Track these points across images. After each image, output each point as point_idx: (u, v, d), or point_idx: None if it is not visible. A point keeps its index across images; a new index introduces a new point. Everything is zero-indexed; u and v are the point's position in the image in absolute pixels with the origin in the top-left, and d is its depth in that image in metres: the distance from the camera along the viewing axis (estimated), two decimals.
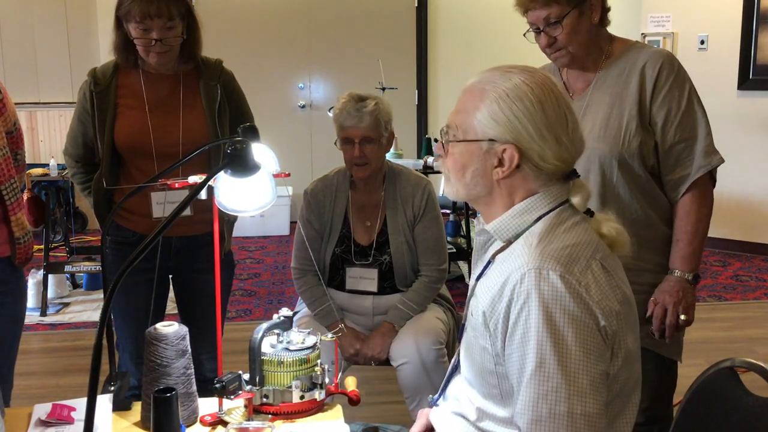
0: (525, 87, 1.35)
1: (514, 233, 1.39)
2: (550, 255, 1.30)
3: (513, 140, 1.34)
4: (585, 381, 1.26)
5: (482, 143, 1.36)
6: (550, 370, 1.25)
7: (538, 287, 1.27)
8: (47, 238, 4.68)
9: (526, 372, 1.28)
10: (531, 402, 1.27)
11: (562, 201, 1.39)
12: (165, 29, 2.25)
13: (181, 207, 1.32)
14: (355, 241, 2.69)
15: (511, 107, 1.34)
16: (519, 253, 1.34)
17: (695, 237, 2.00)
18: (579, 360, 1.26)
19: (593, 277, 1.31)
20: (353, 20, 6.90)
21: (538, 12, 1.97)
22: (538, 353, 1.26)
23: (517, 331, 1.29)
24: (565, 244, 1.33)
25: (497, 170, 1.37)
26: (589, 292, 1.29)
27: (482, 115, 1.36)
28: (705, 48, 5.80)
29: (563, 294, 1.27)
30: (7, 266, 2.12)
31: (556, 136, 1.34)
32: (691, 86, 2.03)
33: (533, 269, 1.28)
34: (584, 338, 1.27)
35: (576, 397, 1.26)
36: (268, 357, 1.68)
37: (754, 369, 1.49)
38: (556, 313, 1.26)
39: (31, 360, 3.95)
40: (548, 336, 1.25)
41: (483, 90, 1.37)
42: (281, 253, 5.98)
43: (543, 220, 1.37)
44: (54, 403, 1.67)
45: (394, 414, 3.13)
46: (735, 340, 4.17)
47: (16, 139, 2.20)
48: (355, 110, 2.56)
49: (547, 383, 1.26)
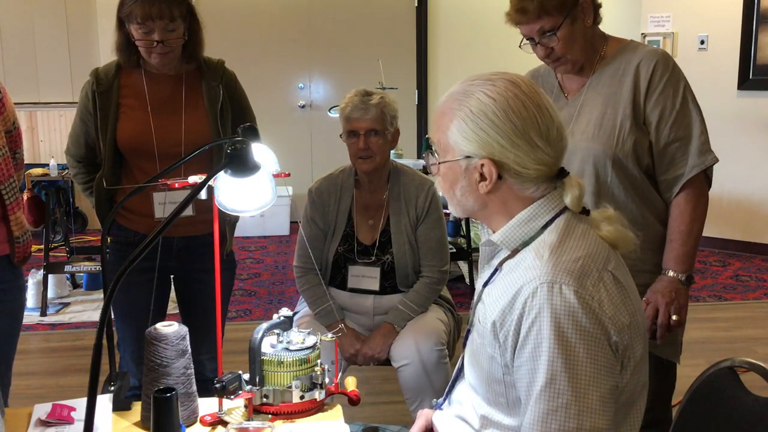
0: (487, 99, 1.34)
1: (520, 242, 1.38)
2: (563, 268, 1.29)
3: (487, 154, 1.34)
4: (595, 397, 1.26)
5: (461, 161, 1.37)
6: (561, 386, 1.25)
7: (550, 302, 1.26)
8: (47, 238, 4.68)
9: (535, 386, 1.27)
10: (540, 417, 1.26)
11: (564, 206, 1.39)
12: (166, 30, 2.25)
13: (181, 207, 1.32)
14: (358, 240, 2.70)
15: (477, 123, 1.33)
16: (530, 266, 1.32)
17: (689, 237, 1.99)
18: (590, 376, 1.26)
19: (606, 290, 1.30)
20: (353, 20, 6.90)
21: (531, 25, 1.96)
22: (549, 368, 1.25)
23: (527, 345, 1.28)
24: (577, 255, 1.32)
25: (482, 185, 1.36)
26: (602, 307, 1.28)
27: (453, 134, 1.36)
28: (705, 48, 5.81)
29: (576, 309, 1.26)
30: (6, 265, 2.13)
31: (528, 140, 1.33)
32: (686, 85, 2.01)
33: (546, 283, 1.27)
34: (595, 354, 1.26)
35: (586, 413, 1.25)
36: (268, 357, 1.68)
37: (754, 369, 1.50)
38: (568, 328, 1.25)
39: (31, 360, 3.95)
40: (560, 351, 1.25)
41: (450, 109, 1.37)
42: (281, 253, 5.98)
43: (551, 229, 1.36)
44: (54, 403, 1.67)
45: (394, 414, 3.13)
46: (735, 340, 4.17)
47: (15, 138, 2.20)
48: (361, 103, 2.59)
49: (557, 399, 1.25)
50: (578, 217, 1.40)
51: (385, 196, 2.70)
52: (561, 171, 1.40)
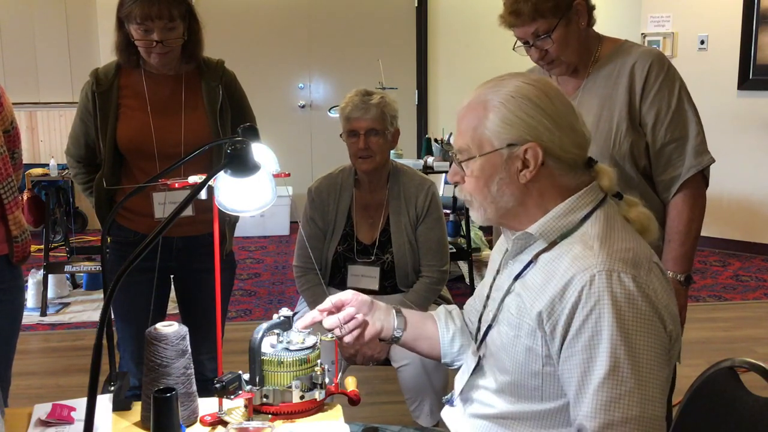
0: (526, 86, 1.35)
1: (559, 234, 1.37)
2: (618, 258, 1.29)
3: (533, 138, 1.33)
4: (656, 385, 1.26)
5: (501, 151, 1.35)
6: (624, 374, 1.24)
7: (610, 289, 1.26)
8: (47, 238, 4.68)
9: (593, 375, 1.26)
10: (602, 406, 1.25)
11: (601, 199, 1.39)
12: (166, 30, 2.25)
13: (180, 208, 1.32)
14: (358, 240, 2.70)
15: (521, 106, 1.33)
16: (580, 255, 1.31)
17: (687, 238, 1.99)
18: (651, 364, 1.26)
19: (657, 280, 1.31)
20: (353, 20, 6.90)
21: (525, 28, 1.95)
22: (611, 357, 1.25)
23: (583, 333, 1.27)
24: (627, 246, 1.32)
25: (524, 173, 1.35)
26: (657, 295, 1.29)
27: (493, 123, 1.35)
28: (705, 48, 5.81)
29: (636, 297, 1.26)
30: (5, 264, 2.13)
31: (569, 123, 1.35)
32: (682, 85, 2.01)
33: (604, 271, 1.27)
34: (655, 342, 1.27)
35: (648, 401, 1.25)
36: (268, 357, 1.68)
37: (754, 369, 1.50)
38: (630, 316, 1.25)
39: (31, 360, 3.95)
40: (622, 339, 1.24)
41: (485, 101, 1.36)
42: (281, 253, 5.98)
43: (592, 221, 1.36)
44: (54, 403, 1.67)
45: (394, 414, 3.13)
46: (735, 340, 4.17)
47: (13, 139, 2.20)
48: (361, 103, 2.60)
49: (620, 387, 1.25)
50: (614, 208, 1.40)
51: (385, 195, 2.70)
52: (590, 159, 1.42)
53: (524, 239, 1.42)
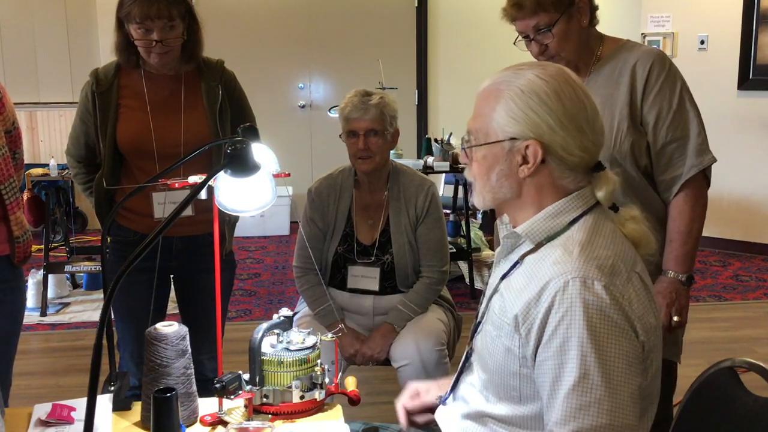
0: (539, 81, 1.33)
1: (545, 236, 1.37)
2: (595, 265, 1.28)
3: (534, 135, 1.32)
4: (626, 394, 1.25)
5: (504, 143, 1.35)
6: (594, 381, 1.23)
7: (582, 297, 1.25)
8: (47, 238, 4.68)
9: (564, 381, 1.25)
10: (572, 413, 1.24)
11: (594, 203, 1.38)
12: (165, 30, 2.25)
13: (180, 208, 1.32)
14: (358, 240, 2.70)
15: (528, 102, 1.32)
16: (559, 260, 1.31)
17: (689, 237, 1.99)
18: (622, 372, 1.24)
19: (634, 290, 1.30)
20: (353, 20, 6.90)
21: (527, 21, 1.96)
22: (581, 364, 1.23)
23: (555, 339, 1.26)
24: (607, 254, 1.31)
25: (522, 168, 1.34)
26: (631, 305, 1.28)
27: (499, 115, 1.35)
28: (705, 48, 5.81)
29: (608, 305, 1.25)
30: (6, 265, 2.13)
31: (577, 125, 1.33)
32: (683, 84, 2.01)
33: (578, 278, 1.26)
34: (627, 350, 1.25)
35: (618, 409, 1.24)
36: (268, 357, 1.68)
37: (754, 369, 1.50)
38: (601, 323, 1.24)
39: (31, 360, 3.95)
40: (592, 346, 1.23)
41: (498, 90, 1.36)
42: (281, 253, 5.98)
43: (579, 226, 1.35)
44: (54, 403, 1.67)
45: (394, 414, 3.12)
46: (735, 340, 4.17)
47: (14, 139, 2.20)
48: (361, 103, 2.59)
49: (590, 394, 1.23)
50: (606, 215, 1.39)
51: (384, 196, 2.70)
52: (598, 164, 1.39)
53: (513, 239, 1.42)
